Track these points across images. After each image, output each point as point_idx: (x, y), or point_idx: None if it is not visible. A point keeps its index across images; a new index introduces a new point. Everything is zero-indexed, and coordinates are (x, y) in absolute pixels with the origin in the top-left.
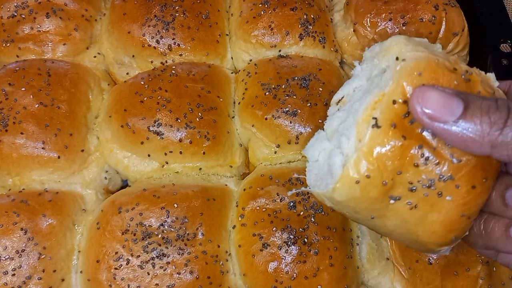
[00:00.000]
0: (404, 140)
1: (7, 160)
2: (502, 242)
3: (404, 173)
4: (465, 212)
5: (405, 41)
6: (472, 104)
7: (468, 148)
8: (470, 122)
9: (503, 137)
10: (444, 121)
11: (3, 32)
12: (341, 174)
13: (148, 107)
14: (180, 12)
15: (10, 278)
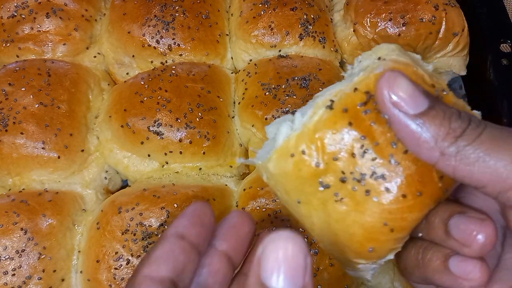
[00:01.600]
0: (349, 126)
1: (7, 160)
2: (439, 274)
3: (340, 161)
4: (388, 221)
5: (394, 47)
6: (437, 106)
7: (417, 148)
8: (429, 122)
9: (456, 147)
10: (405, 112)
11: (3, 32)
12: (280, 145)
13: (148, 107)
14: (180, 12)
15: (10, 278)
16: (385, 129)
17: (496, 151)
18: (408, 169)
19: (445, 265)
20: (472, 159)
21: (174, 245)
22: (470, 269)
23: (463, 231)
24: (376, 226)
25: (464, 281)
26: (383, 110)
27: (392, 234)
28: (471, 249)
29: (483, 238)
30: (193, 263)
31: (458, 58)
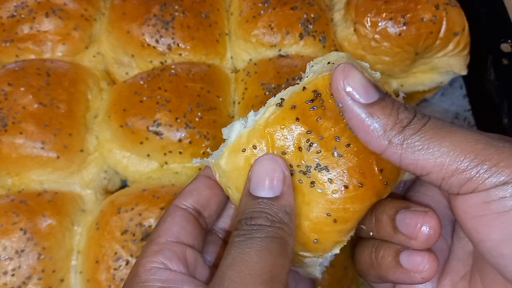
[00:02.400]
0: (296, 122)
1: (7, 160)
2: (391, 270)
3: (288, 154)
4: (331, 212)
5: (344, 54)
6: (386, 99)
7: (367, 137)
8: (379, 112)
9: (403, 136)
10: (357, 101)
11: (3, 32)
12: (232, 142)
13: (147, 107)
14: (180, 11)
15: (9, 278)
16: (330, 124)
17: (438, 140)
18: (350, 162)
19: (396, 260)
20: (417, 147)
21: (200, 182)
22: (419, 261)
23: (408, 225)
24: (320, 216)
25: (416, 274)
26: (337, 99)
27: (336, 225)
28: (418, 241)
29: (427, 229)
30: (218, 197)
31: (458, 58)
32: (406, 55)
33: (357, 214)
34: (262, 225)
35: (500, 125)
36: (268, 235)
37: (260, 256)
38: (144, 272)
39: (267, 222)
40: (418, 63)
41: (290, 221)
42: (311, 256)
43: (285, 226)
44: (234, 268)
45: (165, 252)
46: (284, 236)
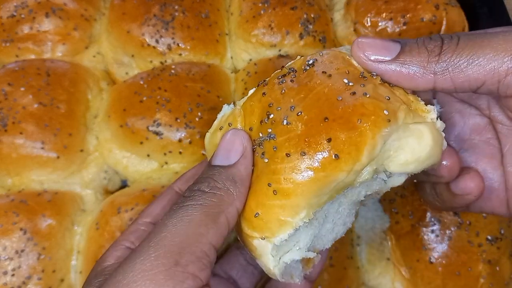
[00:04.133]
0: (262, 96)
1: (7, 160)
2: (451, 201)
3: (253, 130)
4: (272, 182)
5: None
6: (408, 42)
7: (413, 83)
8: (408, 57)
9: (443, 62)
10: (386, 61)
11: (3, 32)
12: (215, 122)
13: (147, 107)
14: (180, 11)
15: (9, 278)
16: (291, 95)
17: (478, 50)
18: (297, 130)
19: (450, 191)
20: (462, 65)
21: (201, 168)
22: (464, 186)
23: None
24: (263, 187)
25: (468, 196)
26: (369, 68)
27: (276, 198)
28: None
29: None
30: None
31: None
32: None
33: (301, 188)
34: (200, 191)
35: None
36: (198, 202)
37: (176, 227)
38: (112, 248)
39: (206, 187)
40: None
41: (235, 189)
42: (257, 237)
43: (224, 193)
44: (150, 240)
45: (137, 232)
46: (220, 203)
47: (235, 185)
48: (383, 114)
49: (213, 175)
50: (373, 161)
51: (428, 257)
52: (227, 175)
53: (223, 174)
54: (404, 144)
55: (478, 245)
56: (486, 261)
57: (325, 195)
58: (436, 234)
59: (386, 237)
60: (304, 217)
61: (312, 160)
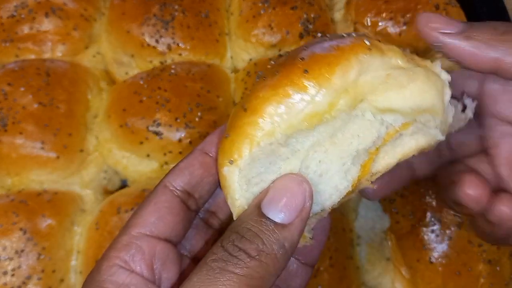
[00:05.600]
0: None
1: (7, 160)
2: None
3: None
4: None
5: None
6: (475, 23)
7: (474, 58)
8: (476, 32)
9: (509, 41)
10: (450, 33)
11: (3, 32)
12: None
13: (147, 107)
14: (180, 11)
15: (9, 279)
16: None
17: None
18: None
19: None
20: None
21: (195, 159)
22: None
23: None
24: (238, 111)
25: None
26: (435, 41)
27: (245, 116)
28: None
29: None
30: (213, 177)
31: None
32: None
33: (268, 101)
34: (246, 254)
35: None
36: (244, 273)
37: None
38: (106, 268)
39: (254, 251)
40: None
41: (282, 258)
42: (226, 162)
43: (271, 262)
44: None
45: (131, 247)
46: (264, 275)
47: (284, 252)
48: (364, 44)
49: (263, 234)
50: (350, 90)
51: (428, 257)
52: (279, 239)
53: (275, 236)
54: (393, 81)
55: (478, 245)
56: (486, 261)
57: (294, 118)
58: (436, 234)
59: (386, 237)
60: (269, 132)
61: (283, 75)
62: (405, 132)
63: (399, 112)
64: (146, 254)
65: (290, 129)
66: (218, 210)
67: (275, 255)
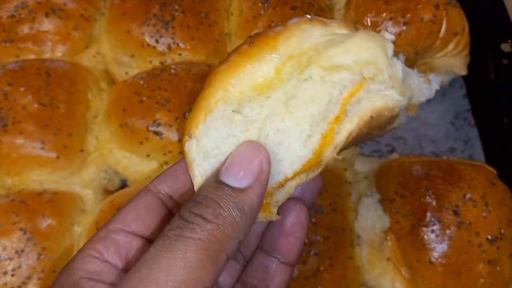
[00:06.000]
0: None
1: (7, 160)
2: None
3: None
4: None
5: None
6: None
7: None
8: None
9: None
10: None
11: (3, 32)
12: None
13: (147, 107)
14: (180, 11)
15: (9, 278)
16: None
17: None
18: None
19: None
20: None
21: (180, 166)
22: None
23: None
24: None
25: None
26: None
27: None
28: None
29: None
30: None
31: (458, 58)
32: (406, 55)
33: (219, 75)
34: (203, 218)
35: (500, 125)
36: (199, 236)
37: (171, 267)
38: (79, 258)
39: (210, 215)
40: (418, 63)
41: (241, 222)
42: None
43: (230, 226)
44: (140, 273)
45: (107, 240)
46: (222, 239)
47: (242, 215)
48: (306, 17)
49: (220, 199)
50: (295, 55)
51: (428, 257)
52: (236, 202)
53: (232, 199)
54: (335, 42)
55: (478, 245)
56: (486, 261)
57: (244, 85)
58: (436, 234)
59: (386, 237)
60: (221, 100)
61: (234, 52)
62: (360, 95)
63: (343, 67)
64: (122, 247)
65: (242, 96)
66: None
67: (234, 218)
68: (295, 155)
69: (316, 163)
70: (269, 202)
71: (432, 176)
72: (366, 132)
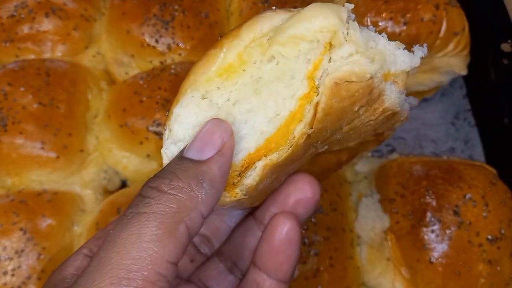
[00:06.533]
0: None
1: (7, 160)
2: None
3: None
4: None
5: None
6: None
7: None
8: None
9: None
10: None
11: (3, 32)
12: None
13: (147, 107)
14: (180, 11)
15: (9, 278)
16: None
17: None
18: None
19: None
20: None
21: None
22: None
23: None
24: None
25: None
26: None
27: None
28: None
29: None
30: None
31: (458, 58)
32: None
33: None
34: (158, 191)
35: (500, 125)
36: (153, 210)
37: (125, 246)
38: (72, 257)
39: (166, 186)
40: None
41: (200, 191)
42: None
43: (187, 196)
44: (99, 255)
45: (100, 239)
46: (180, 210)
47: (201, 186)
48: (272, 9)
49: (178, 170)
50: (257, 40)
51: (428, 257)
52: (195, 173)
53: (191, 170)
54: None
55: (479, 245)
56: (487, 261)
57: (211, 72)
58: (436, 234)
59: (386, 237)
60: (191, 88)
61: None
62: (326, 67)
63: (298, 38)
64: None
65: (208, 83)
66: (212, 236)
67: (191, 188)
68: (259, 132)
69: (283, 140)
70: (237, 183)
71: (432, 176)
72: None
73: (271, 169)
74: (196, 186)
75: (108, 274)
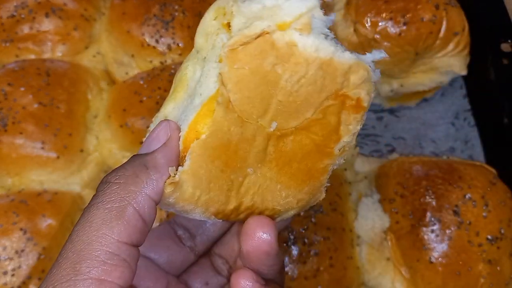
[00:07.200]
0: None
1: (7, 160)
2: None
3: None
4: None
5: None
6: None
7: None
8: None
9: None
10: None
11: (3, 32)
12: None
13: (147, 107)
14: (180, 11)
15: (9, 278)
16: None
17: None
18: None
19: None
20: None
21: None
22: None
23: None
24: None
25: None
26: None
27: None
28: None
29: None
30: None
31: (458, 58)
32: (406, 55)
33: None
34: (106, 183)
35: (500, 125)
36: (100, 200)
37: (77, 235)
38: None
39: (114, 177)
40: (418, 63)
41: (144, 175)
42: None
43: (131, 181)
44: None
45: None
46: (125, 195)
47: (146, 170)
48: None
49: (126, 163)
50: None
51: (428, 257)
52: (140, 162)
53: (136, 161)
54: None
55: (478, 245)
56: (487, 261)
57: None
58: (436, 234)
59: (386, 237)
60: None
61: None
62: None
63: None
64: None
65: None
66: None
67: (136, 175)
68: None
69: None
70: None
71: (432, 176)
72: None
73: (207, 152)
74: (141, 172)
75: (64, 262)
